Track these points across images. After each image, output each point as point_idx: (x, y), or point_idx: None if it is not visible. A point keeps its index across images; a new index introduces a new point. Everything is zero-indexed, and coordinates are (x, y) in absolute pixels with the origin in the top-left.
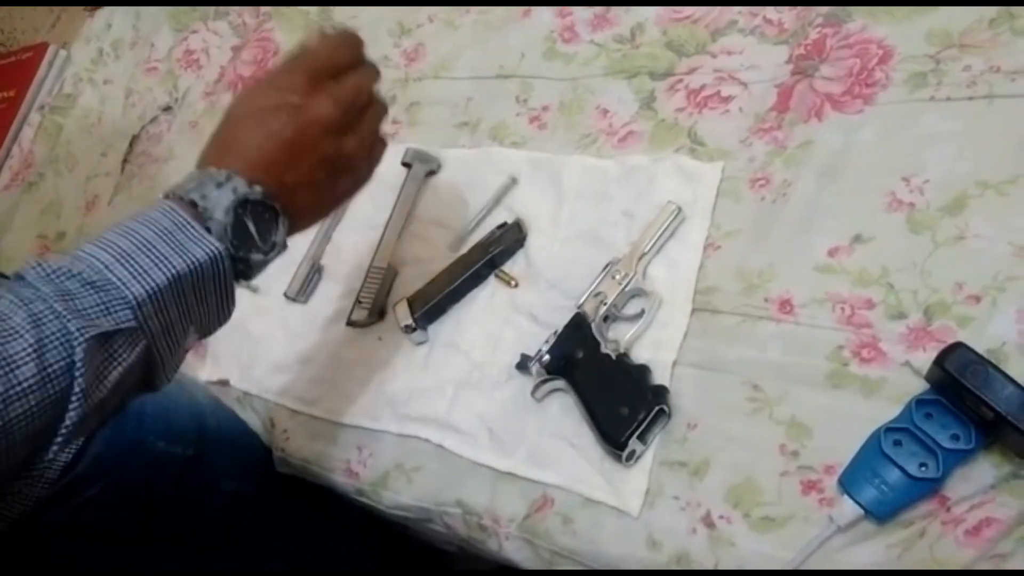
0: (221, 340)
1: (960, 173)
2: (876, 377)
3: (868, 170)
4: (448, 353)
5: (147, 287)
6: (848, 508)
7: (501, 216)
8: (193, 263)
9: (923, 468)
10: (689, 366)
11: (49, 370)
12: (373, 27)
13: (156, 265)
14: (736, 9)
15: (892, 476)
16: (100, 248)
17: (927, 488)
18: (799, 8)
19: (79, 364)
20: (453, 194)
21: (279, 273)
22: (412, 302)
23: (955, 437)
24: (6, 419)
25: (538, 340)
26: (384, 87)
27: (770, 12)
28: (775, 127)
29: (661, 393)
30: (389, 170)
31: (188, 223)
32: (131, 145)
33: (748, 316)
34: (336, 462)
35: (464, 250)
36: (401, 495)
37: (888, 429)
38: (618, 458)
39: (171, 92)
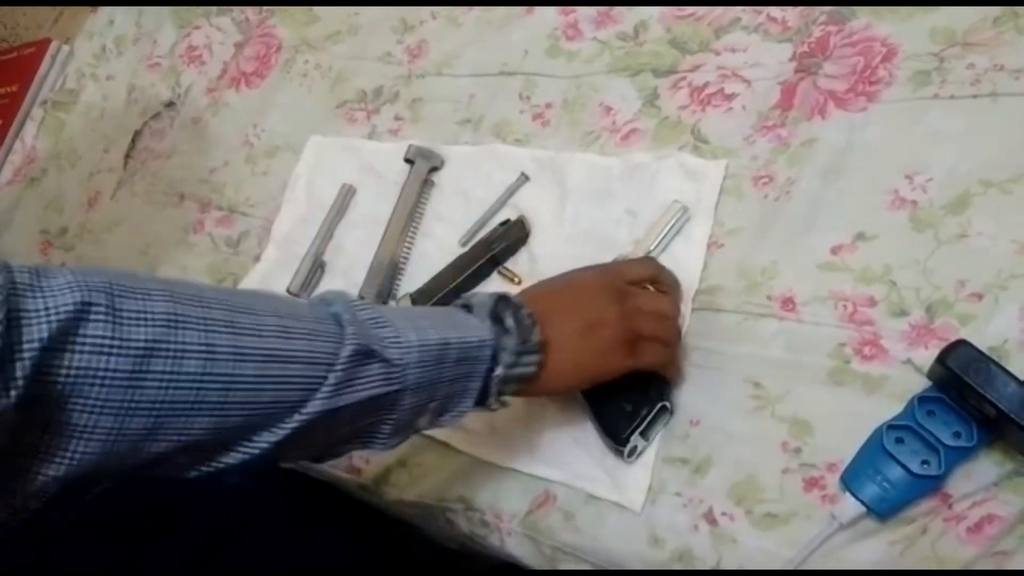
0: None
1: (963, 171)
2: (878, 374)
3: (871, 168)
4: None
5: (420, 336)
6: (850, 505)
7: (504, 213)
8: (462, 338)
9: (925, 465)
10: (691, 364)
11: (315, 354)
12: (376, 24)
13: (433, 328)
14: (740, 6)
15: (894, 473)
16: (387, 310)
17: (929, 485)
18: (803, 6)
19: (341, 361)
20: (456, 191)
21: (282, 269)
22: (415, 298)
23: (957, 434)
24: (267, 374)
25: None
26: (387, 84)
27: (774, 10)
28: (779, 125)
29: (663, 389)
30: (391, 167)
31: (467, 316)
32: (134, 141)
33: (751, 314)
34: (338, 458)
35: (468, 247)
36: (403, 491)
37: (890, 426)
38: (620, 454)
39: (174, 88)
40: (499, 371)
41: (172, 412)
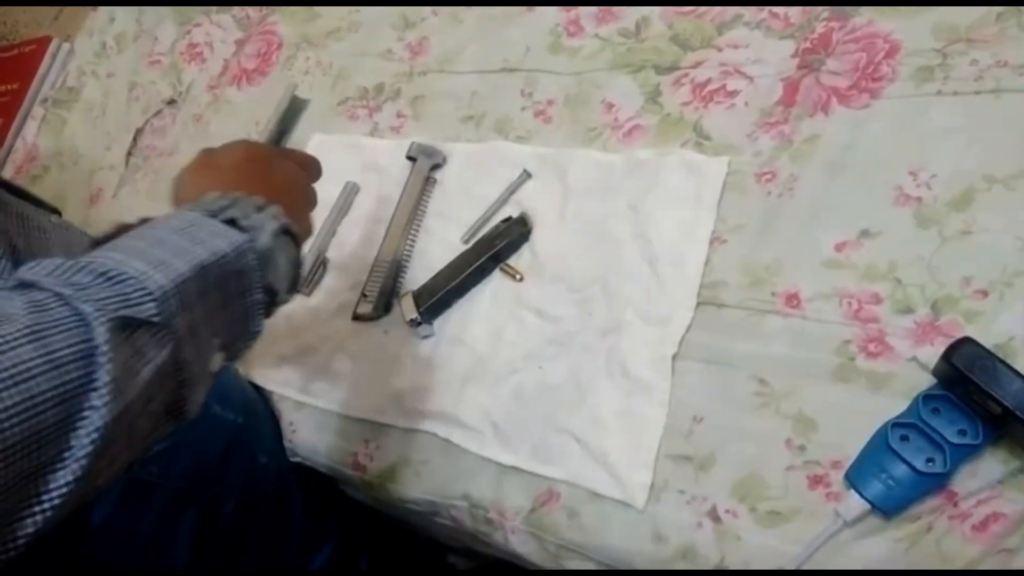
0: None
1: (967, 167)
2: (883, 372)
3: (875, 164)
4: (454, 347)
5: (170, 276)
6: (855, 503)
7: (507, 210)
8: (216, 253)
9: (930, 463)
10: (695, 360)
11: (56, 355)
12: (377, 21)
13: (176, 256)
14: (743, 6)
15: (899, 471)
16: (108, 250)
17: (934, 483)
18: (805, 5)
19: (103, 347)
20: (458, 188)
21: None
22: (418, 296)
23: (962, 432)
24: None
25: (543, 333)
26: (388, 81)
27: (776, 6)
28: (781, 121)
29: None
30: (394, 164)
31: (206, 221)
32: (135, 139)
33: (754, 310)
34: (343, 454)
35: (471, 244)
36: (408, 488)
37: (895, 424)
38: None
39: (175, 85)
40: (281, 284)
41: None
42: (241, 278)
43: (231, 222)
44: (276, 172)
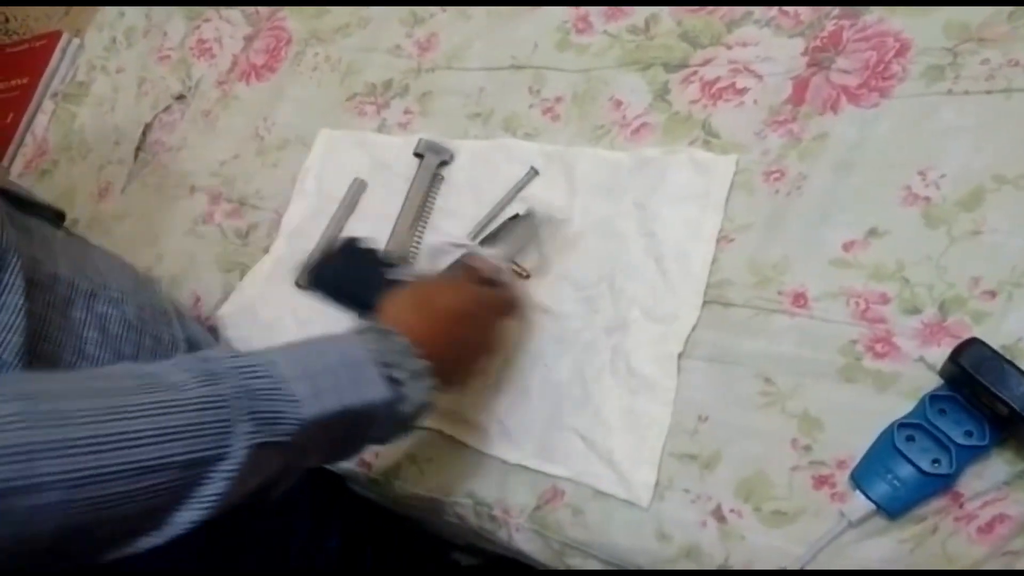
0: (230, 326)
1: (977, 167)
2: (890, 372)
3: (884, 164)
4: None
5: (320, 409)
6: (860, 503)
7: (513, 207)
8: (364, 401)
9: (936, 464)
10: (701, 359)
11: (197, 455)
12: (386, 17)
13: (335, 391)
14: (752, 6)
15: (904, 472)
16: (293, 355)
17: (940, 484)
18: (815, 6)
19: (235, 467)
20: (465, 185)
21: (291, 261)
22: None
23: (969, 433)
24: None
25: (549, 331)
26: (396, 77)
27: (786, 5)
28: (790, 120)
29: None
30: (401, 161)
31: (372, 370)
32: (144, 134)
33: (761, 309)
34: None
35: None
36: (413, 485)
37: (901, 424)
38: None
39: (184, 81)
40: (393, 426)
41: (38, 538)
42: (369, 424)
43: (391, 376)
44: (475, 333)
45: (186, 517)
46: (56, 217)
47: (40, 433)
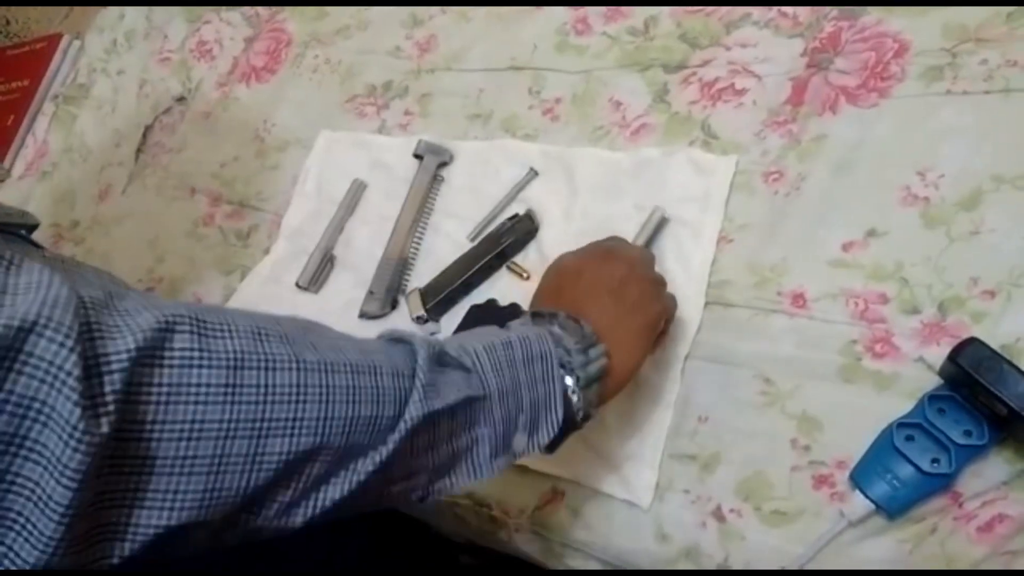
0: None
1: (976, 167)
2: (889, 372)
3: (883, 164)
4: None
5: (480, 342)
6: (859, 503)
7: (513, 208)
8: (521, 336)
9: (935, 464)
10: (701, 359)
11: (397, 366)
12: (385, 18)
13: (484, 337)
14: (751, 7)
15: (904, 471)
16: (487, 352)
17: (939, 484)
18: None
19: (422, 365)
20: (465, 186)
21: (291, 262)
22: (424, 293)
23: (968, 433)
24: (357, 384)
25: None
26: (396, 78)
27: (785, 6)
28: (789, 120)
29: None
30: (401, 162)
31: (510, 325)
32: (144, 135)
33: (761, 310)
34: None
35: (477, 242)
36: None
37: (900, 424)
38: None
39: (184, 83)
40: (576, 372)
41: (272, 432)
42: (544, 363)
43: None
44: (640, 309)
45: (404, 419)
46: (28, 229)
47: (264, 324)
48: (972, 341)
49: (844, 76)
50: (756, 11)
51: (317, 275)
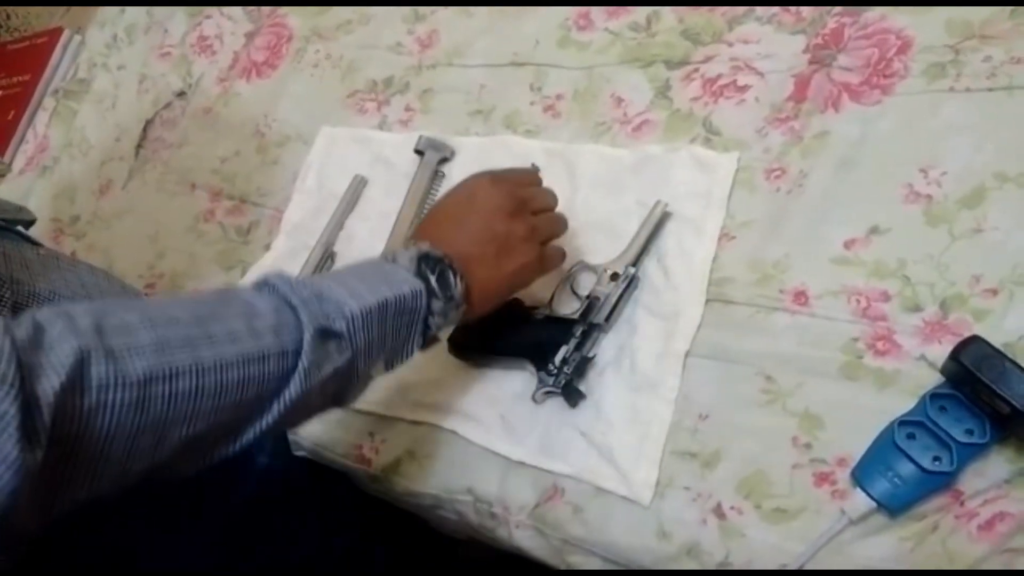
0: None
1: (978, 165)
2: (891, 370)
3: (885, 161)
4: None
5: (359, 304)
6: (860, 501)
7: None
8: (398, 294)
9: (937, 462)
10: (702, 356)
11: (283, 345)
12: (387, 13)
13: (367, 290)
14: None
15: (905, 469)
16: (328, 277)
17: (940, 482)
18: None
19: (306, 348)
20: None
21: (292, 258)
22: None
23: (969, 431)
24: (248, 374)
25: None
26: (397, 74)
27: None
28: (792, 117)
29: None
30: (402, 158)
31: (395, 268)
32: (145, 130)
33: (762, 307)
34: (348, 447)
35: None
36: (413, 482)
37: (902, 422)
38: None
39: (185, 78)
40: (437, 318)
41: (174, 425)
42: (412, 315)
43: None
44: (513, 233)
45: (284, 398)
46: (25, 225)
47: (164, 332)
48: (974, 339)
49: (847, 73)
50: (759, 7)
51: (318, 271)
